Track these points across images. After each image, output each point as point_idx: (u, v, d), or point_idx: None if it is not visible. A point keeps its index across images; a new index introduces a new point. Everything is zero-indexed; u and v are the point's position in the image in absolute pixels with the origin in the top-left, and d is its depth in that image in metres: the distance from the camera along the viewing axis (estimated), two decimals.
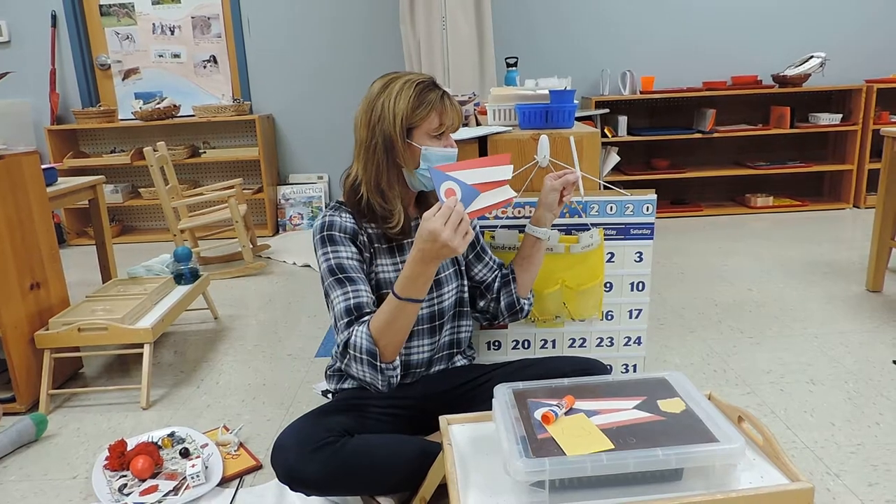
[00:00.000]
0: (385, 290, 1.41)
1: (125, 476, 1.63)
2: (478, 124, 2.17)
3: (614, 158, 3.69)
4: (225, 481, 1.63)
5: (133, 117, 4.48)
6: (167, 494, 1.56)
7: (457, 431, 1.18)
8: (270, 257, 3.92)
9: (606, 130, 4.28)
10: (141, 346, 2.11)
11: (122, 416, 2.02)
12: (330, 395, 1.59)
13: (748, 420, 1.11)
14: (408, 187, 1.45)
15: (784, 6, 4.44)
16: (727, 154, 4.69)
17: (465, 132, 1.83)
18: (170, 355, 2.49)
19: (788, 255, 3.40)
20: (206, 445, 1.75)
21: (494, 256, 1.65)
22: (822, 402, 1.91)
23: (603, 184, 1.89)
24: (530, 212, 1.72)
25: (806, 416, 1.84)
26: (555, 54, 4.52)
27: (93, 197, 2.80)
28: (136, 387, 2.12)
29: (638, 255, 1.78)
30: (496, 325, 1.79)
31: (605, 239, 1.76)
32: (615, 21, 4.50)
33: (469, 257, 1.61)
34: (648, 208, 1.75)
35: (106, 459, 1.67)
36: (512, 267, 1.62)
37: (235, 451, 1.75)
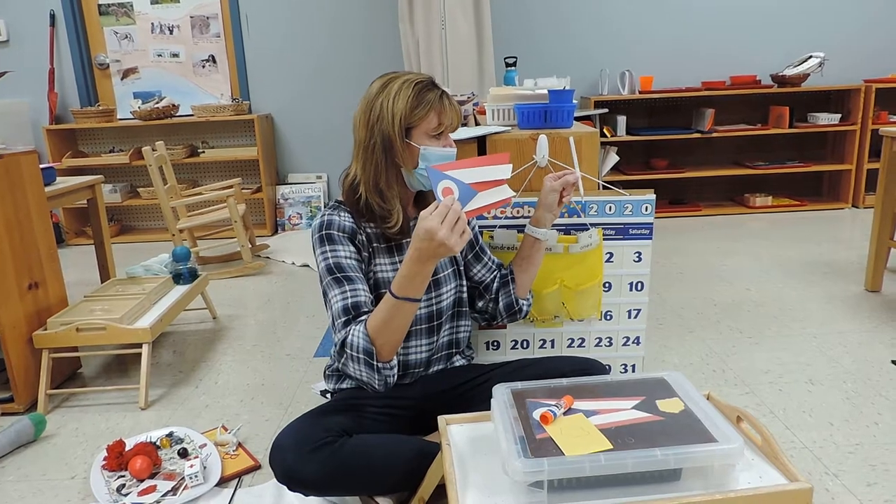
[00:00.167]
0: (383, 290, 1.41)
1: (123, 476, 1.63)
2: (477, 124, 2.17)
3: (613, 158, 3.69)
4: (223, 481, 1.63)
5: (132, 117, 4.48)
6: (165, 494, 1.55)
7: (455, 431, 1.17)
8: (269, 257, 3.92)
9: (605, 130, 4.28)
10: (139, 346, 2.11)
11: (121, 416, 2.02)
12: (328, 395, 1.59)
13: (747, 420, 1.11)
14: (406, 187, 1.45)
15: (783, 6, 4.45)
16: (726, 154, 4.69)
17: (464, 132, 1.83)
18: (168, 355, 2.49)
19: (787, 255, 3.40)
20: (205, 445, 1.75)
21: (493, 257, 1.65)
22: (821, 402, 1.91)
23: (602, 184, 1.89)
24: (529, 212, 1.72)
25: (804, 416, 1.84)
26: (554, 54, 4.52)
27: (91, 196, 2.80)
28: (135, 387, 2.12)
29: (637, 255, 1.78)
30: (495, 326, 1.79)
31: (604, 239, 1.76)
32: (614, 21, 4.50)
33: (468, 257, 1.61)
34: (647, 208, 1.75)
35: (104, 459, 1.67)
36: (511, 267, 1.61)
37: (234, 451, 1.75)
